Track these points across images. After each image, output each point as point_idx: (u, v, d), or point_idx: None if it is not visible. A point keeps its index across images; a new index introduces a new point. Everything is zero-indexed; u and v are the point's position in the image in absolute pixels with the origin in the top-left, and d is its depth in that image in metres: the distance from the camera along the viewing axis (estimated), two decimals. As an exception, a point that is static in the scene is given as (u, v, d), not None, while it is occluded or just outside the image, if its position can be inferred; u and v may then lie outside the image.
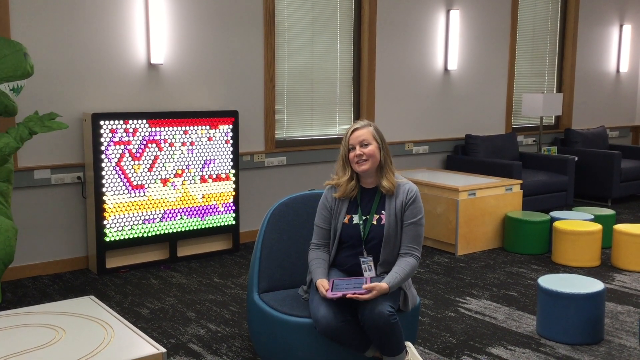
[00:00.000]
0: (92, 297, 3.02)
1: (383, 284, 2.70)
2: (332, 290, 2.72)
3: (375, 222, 2.92)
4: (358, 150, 2.89)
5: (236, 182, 5.15)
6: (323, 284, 2.79)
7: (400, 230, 2.90)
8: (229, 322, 3.75)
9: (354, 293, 2.66)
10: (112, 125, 4.52)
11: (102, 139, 4.50)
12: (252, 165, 5.46)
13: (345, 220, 2.95)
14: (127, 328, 2.62)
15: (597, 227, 4.90)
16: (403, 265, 2.82)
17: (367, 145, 2.89)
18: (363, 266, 2.90)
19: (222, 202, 5.10)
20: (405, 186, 2.94)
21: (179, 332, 3.60)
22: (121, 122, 4.56)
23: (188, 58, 5.08)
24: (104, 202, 4.54)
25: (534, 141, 7.59)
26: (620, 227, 4.89)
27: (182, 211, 4.92)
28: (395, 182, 2.93)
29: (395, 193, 2.93)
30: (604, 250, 5.22)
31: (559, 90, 7.90)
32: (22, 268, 4.53)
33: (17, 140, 3.77)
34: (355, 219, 2.94)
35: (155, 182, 4.76)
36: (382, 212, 2.92)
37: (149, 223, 4.77)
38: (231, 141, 5.08)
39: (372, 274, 2.88)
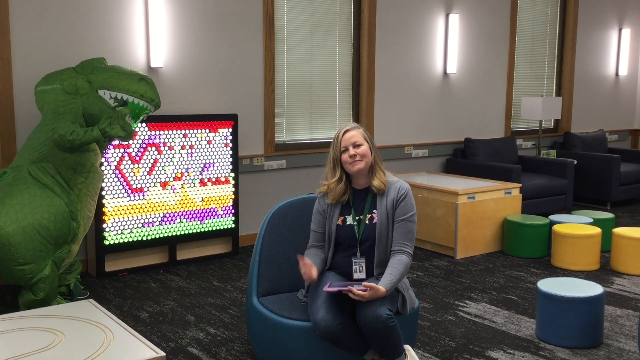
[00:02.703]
0: (92, 300, 3.02)
1: (380, 287, 2.69)
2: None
3: (367, 222, 2.93)
4: (352, 151, 2.90)
5: (235, 186, 5.15)
6: (305, 260, 2.84)
7: (391, 228, 2.91)
8: (228, 326, 3.74)
9: (353, 286, 2.64)
10: (111, 128, 4.52)
11: (102, 142, 4.50)
12: (251, 168, 5.46)
13: (339, 222, 2.96)
14: (127, 331, 2.62)
15: (597, 230, 4.90)
16: (396, 265, 2.82)
17: (359, 145, 2.92)
18: (354, 267, 2.90)
19: (221, 205, 5.10)
20: (396, 184, 2.96)
21: (178, 335, 3.60)
22: (121, 125, 4.56)
23: (188, 61, 5.08)
24: (103, 205, 4.54)
25: (533, 144, 7.60)
26: (619, 230, 4.89)
27: (182, 214, 4.92)
28: (385, 181, 2.95)
29: (387, 191, 2.94)
30: (603, 253, 5.22)
31: (558, 93, 7.90)
32: (22, 271, 4.52)
33: (86, 134, 3.77)
34: (349, 220, 2.95)
35: (154, 186, 4.76)
36: (374, 211, 2.94)
37: (148, 226, 4.77)
38: (231, 144, 5.09)
39: (362, 275, 2.88)
